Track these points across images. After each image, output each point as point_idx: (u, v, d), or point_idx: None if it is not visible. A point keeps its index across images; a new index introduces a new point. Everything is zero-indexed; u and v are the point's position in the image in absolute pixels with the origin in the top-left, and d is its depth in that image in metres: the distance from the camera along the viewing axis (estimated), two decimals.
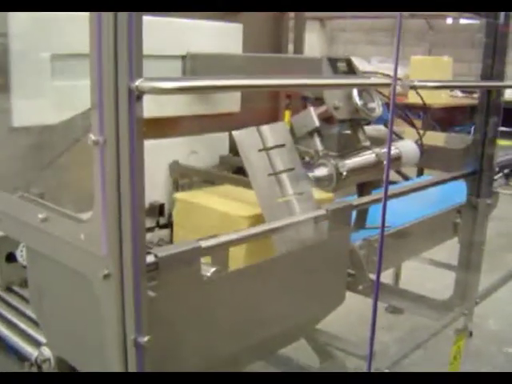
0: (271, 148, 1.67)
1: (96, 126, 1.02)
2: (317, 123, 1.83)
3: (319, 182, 1.76)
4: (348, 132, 1.97)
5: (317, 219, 1.54)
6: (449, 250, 2.30)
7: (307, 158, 1.92)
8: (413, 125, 2.45)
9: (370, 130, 2.26)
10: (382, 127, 2.40)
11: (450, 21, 8.55)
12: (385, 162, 1.81)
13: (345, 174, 1.76)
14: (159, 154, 2.05)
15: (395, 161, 1.94)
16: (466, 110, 6.77)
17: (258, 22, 2.61)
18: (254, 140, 1.66)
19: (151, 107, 1.21)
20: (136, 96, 0.97)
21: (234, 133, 1.63)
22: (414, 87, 1.64)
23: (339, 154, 1.82)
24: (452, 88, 6.35)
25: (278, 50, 2.76)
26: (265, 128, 1.69)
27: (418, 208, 2.08)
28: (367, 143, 1.93)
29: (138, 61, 0.97)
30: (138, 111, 0.98)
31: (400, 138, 2.16)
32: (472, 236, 2.18)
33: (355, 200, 1.78)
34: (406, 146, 1.98)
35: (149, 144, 1.04)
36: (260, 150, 1.65)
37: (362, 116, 1.89)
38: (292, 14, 2.86)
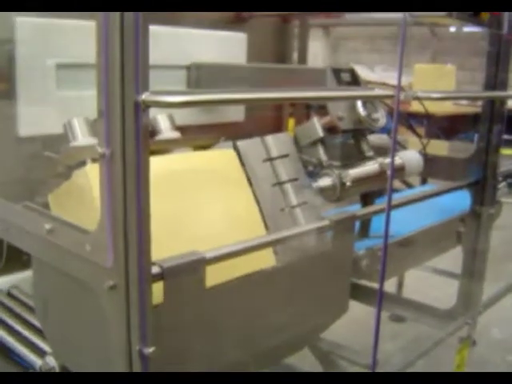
0: (275, 158, 1.68)
1: (102, 138, 1.03)
2: (320, 133, 1.84)
3: (323, 192, 1.76)
4: (352, 142, 1.98)
5: (320, 230, 1.54)
6: (452, 258, 2.30)
7: (311, 168, 1.92)
8: (416, 134, 2.45)
9: (376, 138, 2.26)
10: (385, 137, 2.40)
11: (453, 29, 8.55)
12: (388, 172, 1.81)
13: (348, 184, 1.77)
14: None
15: (399, 171, 1.94)
16: (469, 117, 6.77)
17: (263, 30, 2.63)
18: (258, 150, 1.66)
19: None
20: (142, 109, 0.98)
21: (239, 143, 1.64)
22: (417, 98, 1.64)
23: (343, 165, 1.83)
24: (456, 99, 6.33)
25: (283, 59, 2.77)
26: (269, 138, 1.69)
27: (422, 217, 2.08)
28: (371, 153, 1.93)
29: (144, 74, 0.98)
30: (144, 124, 0.99)
31: (403, 147, 2.16)
32: (475, 245, 2.19)
33: (359, 210, 1.78)
34: (410, 156, 1.99)
35: None
36: (264, 161, 1.66)
37: (366, 126, 1.90)
38: (296, 22, 2.88)
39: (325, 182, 1.77)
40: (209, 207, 1.48)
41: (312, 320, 1.63)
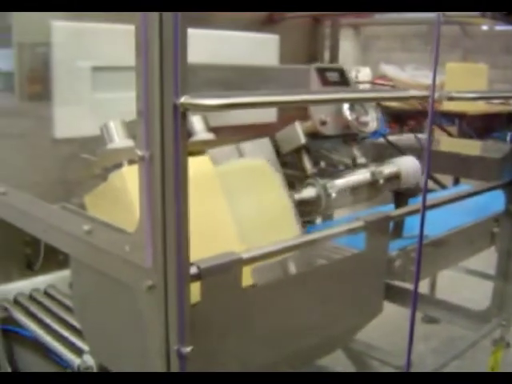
0: None
1: (141, 141, 1.04)
2: (302, 140, 1.70)
3: (307, 203, 1.63)
4: (342, 148, 1.85)
5: (355, 230, 1.54)
6: (486, 258, 2.28)
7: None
8: (437, 131, 2.42)
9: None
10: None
11: (485, 27, 8.45)
12: (381, 181, 1.74)
13: (334, 195, 1.64)
14: None
15: (394, 180, 1.81)
16: (503, 116, 6.66)
17: (294, 31, 2.63)
18: (231, 159, 1.59)
19: None
20: (181, 112, 0.99)
21: (209, 152, 1.55)
22: (451, 98, 1.61)
23: (330, 173, 1.72)
24: (490, 99, 6.20)
25: (314, 59, 2.77)
26: (246, 145, 1.63)
27: (455, 217, 2.07)
28: (363, 160, 1.81)
29: (183, 77, 0.99)
30: (183, 127, 1.00)
31: (402, 153, 1.99)
32: (510, 245, 2.17)
33: (393, 211, 1.76)
34: (406, 164, 1.83)
35: None
36: None
37: (353, 131, 1.76)
38: (328, 23, 2.88)
39: (308, 192, 1.63)
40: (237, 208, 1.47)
41: (347, 321, 1.63)
